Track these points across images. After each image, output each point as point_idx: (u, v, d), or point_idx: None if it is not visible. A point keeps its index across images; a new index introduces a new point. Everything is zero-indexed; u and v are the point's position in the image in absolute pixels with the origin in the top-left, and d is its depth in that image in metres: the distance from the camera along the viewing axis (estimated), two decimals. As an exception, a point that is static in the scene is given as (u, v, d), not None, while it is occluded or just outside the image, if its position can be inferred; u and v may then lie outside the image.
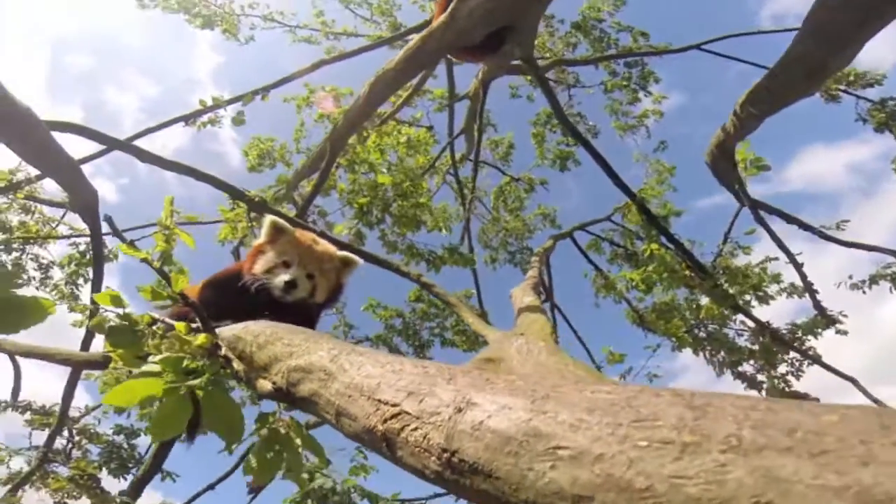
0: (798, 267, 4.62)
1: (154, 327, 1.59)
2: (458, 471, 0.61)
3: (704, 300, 4.88)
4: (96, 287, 4.03)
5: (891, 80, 5.20)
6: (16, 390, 4.96)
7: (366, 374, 0.87)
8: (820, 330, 4.76)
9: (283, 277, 2.13)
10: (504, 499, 0.55)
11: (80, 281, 5.73)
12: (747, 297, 4.90)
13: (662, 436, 0.43)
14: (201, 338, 1.32)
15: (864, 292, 4.98)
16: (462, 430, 0.61)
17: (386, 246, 5.81)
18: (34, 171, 4.65)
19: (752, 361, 4.67)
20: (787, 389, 4.46)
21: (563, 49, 7.11)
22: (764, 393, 4.46)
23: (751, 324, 4.85)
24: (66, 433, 4.98)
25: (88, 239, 5.03)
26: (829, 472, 0.35)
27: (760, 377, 4.65)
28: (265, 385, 1.18)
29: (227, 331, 1.57)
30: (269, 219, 2.31)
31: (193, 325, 1.52)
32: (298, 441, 1.34)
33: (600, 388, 0.53)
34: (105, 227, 3.75)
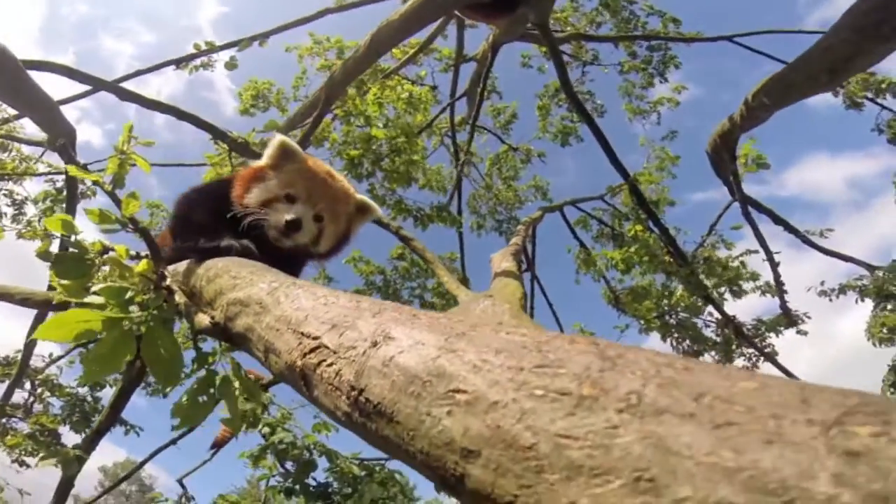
0: (774, 265, 4.66)
1: (106, 256, 1.50)
2: (365, 412, 0.56)
3: (680, 288, 4.92)
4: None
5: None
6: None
7: (297, 306, 0.81)
8: (782, 328, 4.86)
9: (284, 215, 1.73)
10: (403, 447, 0.51)
11: (54, 218, 5.59)
12: (721, 290, 4.95)
13: (561, 385, 0.38)
14: (142, 264, 1.24)
15: (830, 300, 5.11)
16: (372, 367, 0.56)
17: (374, 199, 5.73)
18: (13, 112, 4.49)
19: (713, 353, 4.76)
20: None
21: (585, 25, 6.87)
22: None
23: (718, 315, 4.93)
24: (27, 385, 4.82)
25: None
26: (726, 449, 0.30)
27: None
28: (203, 320, 1.12)
29: (184, 264, 1.49)
30: (277, 138, 1.90)
31: (143, 254, 1.44)
32: (237, 384, 1.28)
33: (517, 330, 0.47)
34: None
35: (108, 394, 5.22)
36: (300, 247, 1.81)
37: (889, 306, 4.85)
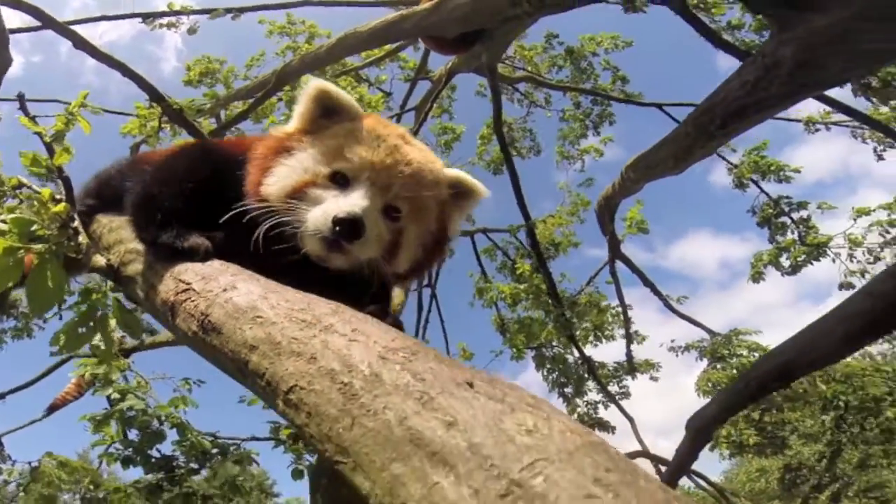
0: (626, 319, 5.48)
1: (20, 191, 1.65)
2: (206, 330, 0.89)
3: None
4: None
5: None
6: None
7: (181, 261, 1.11)
8: (637, 373, 5.69)
9: (329, 209, 1.08)
10: (221, 349, 0.84)
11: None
12: (588, 335, 5.69)
13: (307, 318, 0.76)
14: (59, 206, 1.43)
15: (677, 355, 6.04)
16: (217, 302, 0.90)
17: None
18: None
19: (572, 385, 5.46)
20: (593, 415, 5.31)
21: (548, 67, 7.41)
22: (575, 416, 5.26)
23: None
24: None
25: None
26: (411, 400, 0.58)
27: (578, 400, 5.48)
28: (99, 260, 1.35)
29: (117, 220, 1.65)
30: (313, 85, 1.23)
31: (57, 196, 1.62)
32: (114, 322, 1.48)
33: (308, 296, 0.83)
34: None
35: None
36: (360, 265, 1.13)
37: (718, 366, 5.79)
